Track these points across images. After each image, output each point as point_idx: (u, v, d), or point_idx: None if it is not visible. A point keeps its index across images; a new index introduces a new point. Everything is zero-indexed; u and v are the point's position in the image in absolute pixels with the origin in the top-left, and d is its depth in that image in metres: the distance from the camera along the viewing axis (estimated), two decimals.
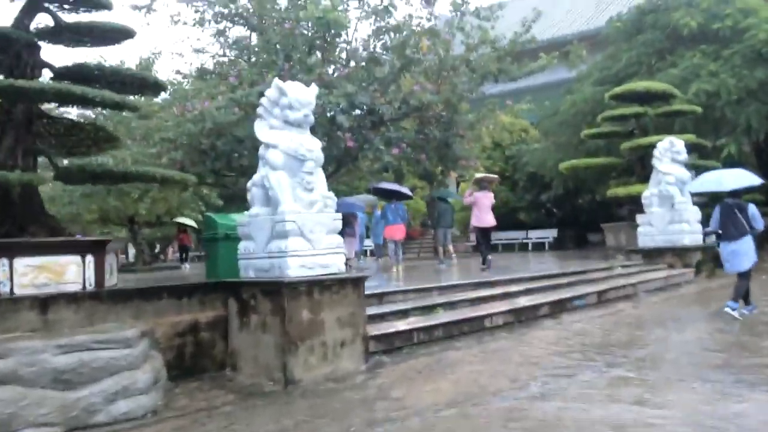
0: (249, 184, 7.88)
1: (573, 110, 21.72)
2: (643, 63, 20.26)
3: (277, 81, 7.73)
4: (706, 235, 11.81)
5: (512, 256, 21.77)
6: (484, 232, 13.65)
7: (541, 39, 28.77)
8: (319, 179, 7.70)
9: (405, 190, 16.33)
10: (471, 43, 15.01)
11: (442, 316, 8.50)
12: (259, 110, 7.85)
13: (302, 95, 7.60)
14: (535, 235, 27.12)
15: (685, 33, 18.82)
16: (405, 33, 14.28)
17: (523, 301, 9.51)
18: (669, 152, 14.23)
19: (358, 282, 7.53)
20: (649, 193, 14.53)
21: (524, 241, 27.49)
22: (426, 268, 15.37)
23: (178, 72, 15.06)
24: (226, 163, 13.39)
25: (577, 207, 26.13)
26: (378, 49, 14.65)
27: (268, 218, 7.44)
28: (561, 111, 22.81)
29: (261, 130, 7.72)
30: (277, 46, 13.43)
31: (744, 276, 9.12)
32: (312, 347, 7.00)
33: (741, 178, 9.48)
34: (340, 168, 16.17)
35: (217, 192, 19.65)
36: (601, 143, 20.14)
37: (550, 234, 26.71)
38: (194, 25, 15.81)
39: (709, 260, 14.12)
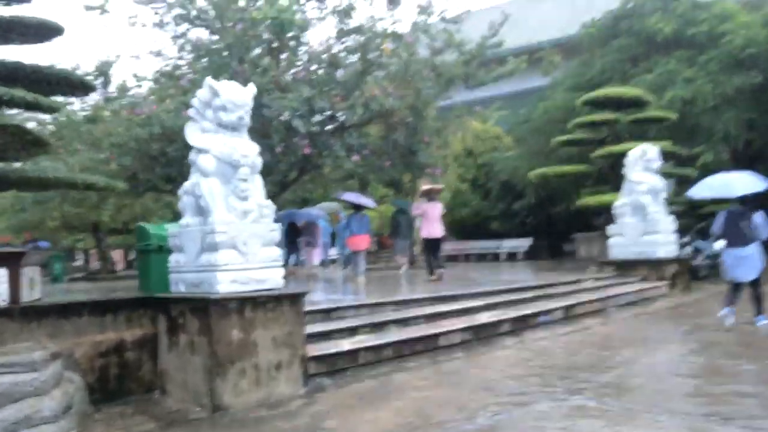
0: (180, 191, 7.20)
1: (545, 117, 21.27)
2: (617, 69, 19.86)
3: (209, 81, 7.06)
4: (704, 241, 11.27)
5: (482, 267, 21.19)
6: (432, 243, 13.47)
7: (515, 46, 28.46)
8: (256, 187, 7.05)
9: (368, 201, 15.67)
10: (436, 46, 14.44)
11: (394, 334, 7.85)
12: (191, 112, 7.19)
13: (236, 96, 6.94)
14: (507, 245, 26.60)
15: (660, 39, 18.43)
16: (367, 35, 13.67)
17: (484, 318, 8.88)
18: (641, 160, 13.70)
19: (296, 298, 6.86)
20: (620, 202, 13.98)
21: (496, 251, 26.96)
22: (389, 280, 14.68)
23: (134, 75, 14.31)
24: (178, 169, 12.66)
25: (551, 216, 25.60)
26: (340, 53, 14.00)
27: (198, 229, 6.77)
28: (533, 118, 22.35)
29: (192, 133, 7.05)
30: (231, 47, 12.74)
31: (756, 284, 8.80)
32: (243, 370, 6.32)
33: (750, 183, 8.97)
34: (302, 175, 15.53)
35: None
36: (573, 151, 19.64)
37: (523, 244, 26.19)
38: (153, 27, 15.11)
39: (684, 273, 13.62)
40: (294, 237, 19.89)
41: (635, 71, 19.41)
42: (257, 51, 12.94)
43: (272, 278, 6.83)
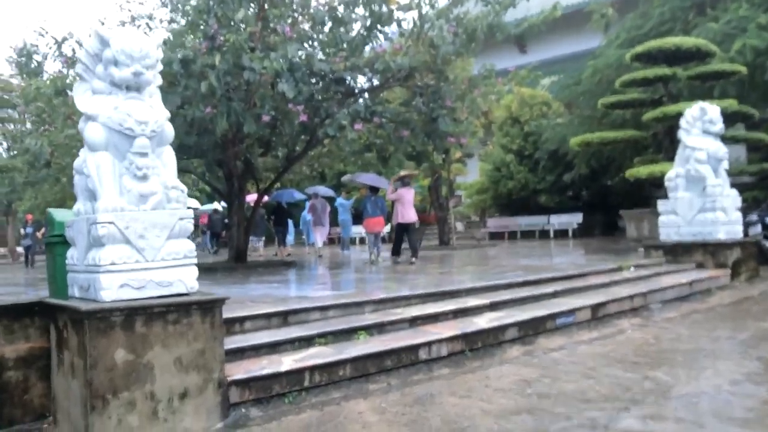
0: (74, 169, 5.68)
1: (595, 78, 18.92)
2: (678, 18, 17.32)
3: (96, 27, 5.47)
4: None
5: (520, 246, 19.19)
6: (407, 228, 13.33)
7: (568, 4, 25.99)
8: (164, 163, 5.44)
9: (383, 183, 14.94)
10: None
11: (360, 346, 6.17)
12: (78, 68, 5.60)
13: (131, 45, 5.30)
14: (557, 220, 24.48)
15: None
16: None
17: (483, 321, 7.09)
18: (699, 121, 11.43)
19: (210, 306, 5.25)
20: (674, 173, 11.74)
21: (545, 227, 24.85)
22: (400, 266, 12.94)
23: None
24: None
25: (605, 189, 23.27)
26: (339, 4, 12.18)
27: (85, 218, 5.24)
28: (583, 79, 20.01)
29: (79, 96, 5.49)
30: (210, 2, 11.06)
31: None
32: (132, 402, 4.80)
33: None
34: (309, 148, 13.90)
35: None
36: (626, 114, 17.35)
37: (574, 219, 24.02)
38: None
39: (750, 259, 11.37)
40: (281, 218, 18.91)
41: (700, 20, 16.85)
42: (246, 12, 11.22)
43: (182, 279, 5.26)
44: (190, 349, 5.08)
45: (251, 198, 21.47)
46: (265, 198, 19.38)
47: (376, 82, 13.24)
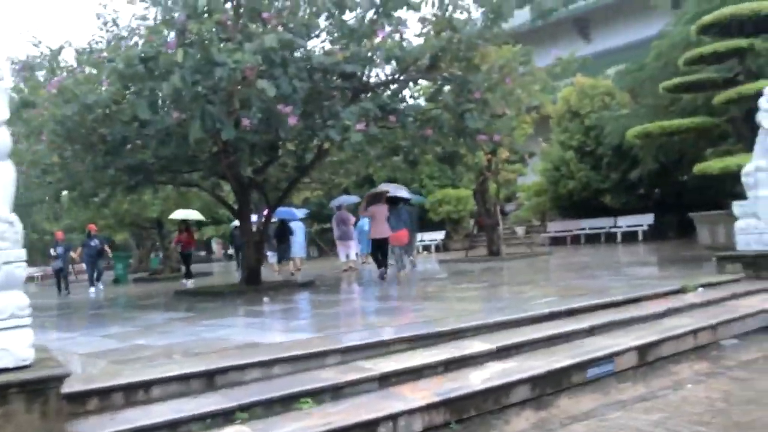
0: None
1: (661, 61, 16.52)
2: None
3: None
4: None
5: (577, 254, 16.95)
6: (380, 243, 13.26)
7: None
8: None
9: (402, 192, 14.26)
10: None
11: (295, 425, 4.45)
12: None
13: None
14: (625, 222, 22.03)
15: None
16: None
17: (481, 378, 5.24)
18: None
19: (39, 389, 3.64)
20: (752, 166, 9.42)
21: (612, 230, 22.43)
22: (412, 290, 11.17)
23: (90, 43, 11.47)
24: (113, 156, 9.87)
25: (680, 186, 20.62)
26: None
27: None
28: (646, 64, 17.63)
29: None
30: None
31: None
32: None
33: None
34: (322, 156, 12.30)
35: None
36: (698, 99, 14.92)
37: (644, 221, 21.53)
38: None
39: None
40: (283, 235, 18.44)
41: None
42: None
43: (5, 350, 3.69)
44: None
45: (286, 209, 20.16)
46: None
47: (388, 74, 11.52)
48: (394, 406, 4.69)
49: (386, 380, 5.20)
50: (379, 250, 13.33)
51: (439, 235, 28.70)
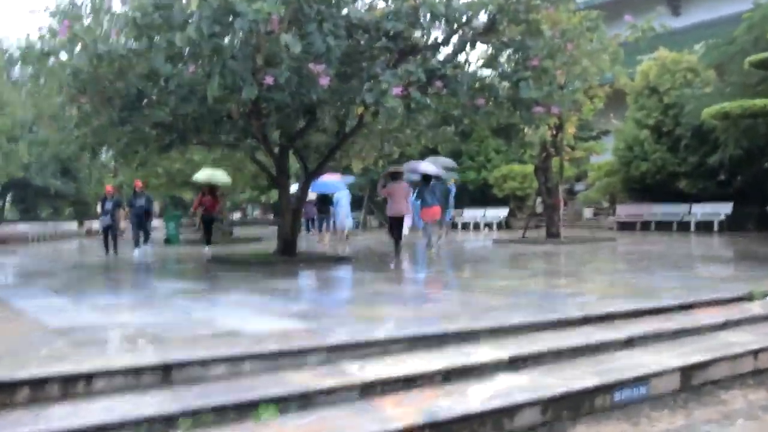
0: None
1: (752, 35, 14.91)
2: None
3: None
4: None
5: (640, 242, 15.59)
6: (398, 221, 13.31)
7: None
8: None
9: (436, 170, 14.36)
10: None
11: None
12: None
13: None
14: (700, 210, 20.40)
15: None
16: None
17: (485, 394, 4.41)
18: None
19: None
20: None
21: (685, 218, 20.83)
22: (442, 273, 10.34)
23: None
24: (130, 111, 9.31)
25: (764, 174, 18.85)
26: None
27: None
28: (736, 37, 15.97)
29: None
30: None
31: None
32: None
33: None
34: (358, 128, 11.50)
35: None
36: None
37: (721, 210, 19.88)
38: None
39: None
40: (324, 205, 19.32)
41: None
42: None
43: None
44: None
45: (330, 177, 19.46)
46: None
47: (440, 35, 10.57)
48: (365, 427, 3.93)
49: (370, 389, 4.43)
50: (394, 227, 13.33)
51: (502, 212, 27.53)
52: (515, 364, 4.92)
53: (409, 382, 4.56)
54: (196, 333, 5.29)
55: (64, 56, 9.14)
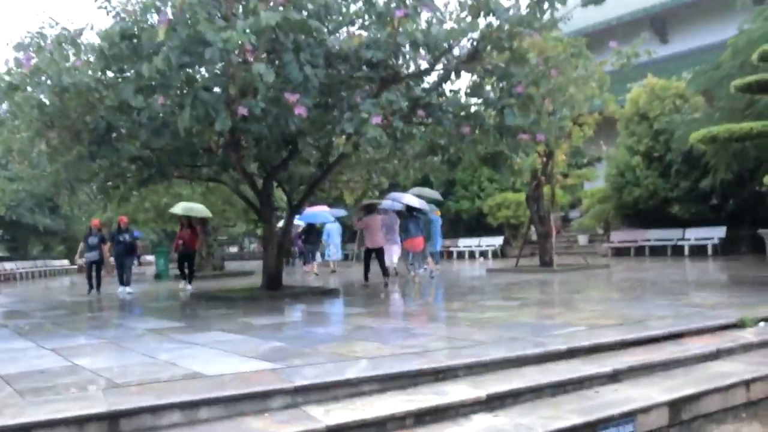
0: None
1: (737, 60, 14.82)
2: None
3: None
4: None
5: (633, 269, 15.31)
6: (376, 252, 13.45)
7: None
8: None
9: (419, 203, 14.29)
10: None
11: None
12: None
13: None
14: (694, 235, 20.23)
15: None
16: None
17: None
18: None
19: None
20: None
21: (679, 242, 20.62)
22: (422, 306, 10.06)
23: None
24: (99, 145, 9.09)
25: (756, 197, 18.68)
26: None
27: None
28: (722, 63, 15.91)
29: None
30: None
31: None
32: None
33: None
34: (341, 159, 11.31)
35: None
36: None
37: (714, 234, 19.69)
38: None
39: None
40: (311, 236, 19.56)
41: None
42: None
43: None
44: None
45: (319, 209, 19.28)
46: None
47: (420, 63, 10.42)
48: None
49: None
50: (371, 258, 13.51)
51: (496, 241, 27.33)
52: (493, 402, 4.63)
53: (378, 426, 4.27)
54: (154, 377, 4.98)
55: (30, 89, 8.96)
